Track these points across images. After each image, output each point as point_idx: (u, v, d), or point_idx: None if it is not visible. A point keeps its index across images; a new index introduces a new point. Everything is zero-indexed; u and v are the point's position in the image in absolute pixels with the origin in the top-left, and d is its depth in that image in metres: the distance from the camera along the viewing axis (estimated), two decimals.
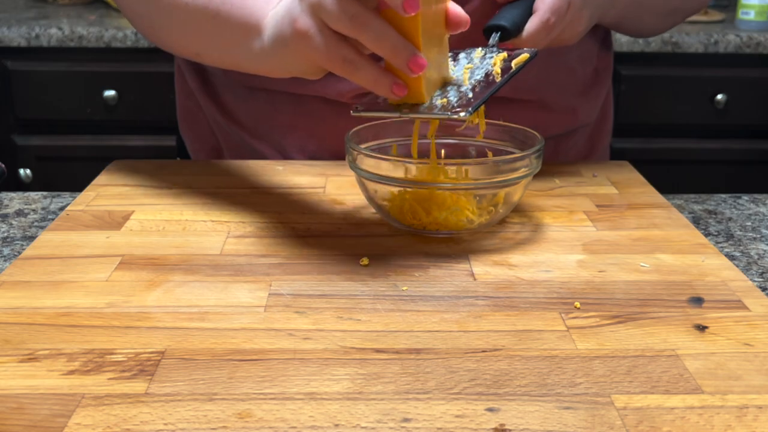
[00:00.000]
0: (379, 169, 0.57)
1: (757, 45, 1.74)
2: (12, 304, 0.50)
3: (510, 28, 0.61)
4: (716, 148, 1.84)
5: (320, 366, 0.43)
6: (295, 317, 0.48)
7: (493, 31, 0.61)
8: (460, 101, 0.55)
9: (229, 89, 0.82)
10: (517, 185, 0.59)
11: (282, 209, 0.66)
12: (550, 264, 0.56)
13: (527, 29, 0.62)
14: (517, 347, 0.45)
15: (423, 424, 0.38)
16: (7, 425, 0.38)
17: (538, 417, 0.39)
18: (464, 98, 0.56)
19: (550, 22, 0.62)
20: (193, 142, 0.90)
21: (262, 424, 0.38)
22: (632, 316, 0.49)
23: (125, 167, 0.76)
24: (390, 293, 0.52)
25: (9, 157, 1.81)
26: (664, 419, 0.39)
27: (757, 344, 0.46)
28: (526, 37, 0.62)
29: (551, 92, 0.80)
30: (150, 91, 1.76)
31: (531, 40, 0.62)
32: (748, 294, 0.51)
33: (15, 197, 0.72)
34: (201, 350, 0.45)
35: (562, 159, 0.83)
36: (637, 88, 1.77)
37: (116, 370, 0.43)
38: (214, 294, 0.51)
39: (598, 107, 0.87)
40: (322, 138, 0.78)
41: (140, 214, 0.65)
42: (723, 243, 0.63)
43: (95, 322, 0.48)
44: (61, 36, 1.72)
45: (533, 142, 0.61)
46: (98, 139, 1.82)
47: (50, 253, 0.57)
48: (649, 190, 0.71)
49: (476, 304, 0.50)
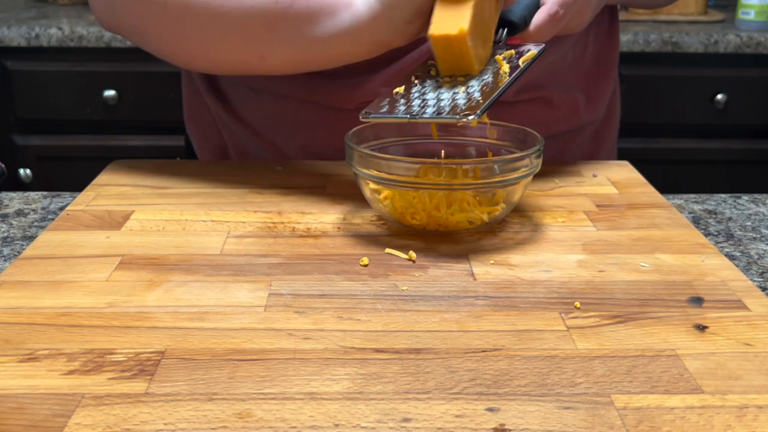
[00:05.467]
0: (379, 169, 0.57)
1: (757, 45, 1.74)
2: (12, 304, 0.50)
3: (518, 23, 0.61)
4: (716, 148, 1.84)
5: (320, 366, 0.43)
6: (295, 317, 0.48)
7: (500, 27, 0.61)
8: (468, 103, 0.56)
9: (234, 89, 0.82)
10: (517, 185, 0.59)
11: (282, 209, 0.66)
12: (550, 264, 0.56)
13: (535, 22, 0.61)
14: (517, 347, 0.45)
15: (423, 424, 0.38)
16: (7, 425, 0.38)
17: (538, 417, 0.39)
18: (473, 100, 0.56)
19: (558, 15, 0.61)
20: (199, 140, 0.90)
21: (262, 424, 0.38)
22: (632, 316, 0.49)
23: (125, 167, 0.76)
24: (390, 293, 0.52)
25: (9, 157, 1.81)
26: (664, 419, 0.39)
27: (757, 344, 0.46)
28: (534, 31, 0.61)
29: (555, 89, 0.80)
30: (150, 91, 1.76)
31: (539, 33, 0.62)
32: (748, 294, 0.51)
33: (15, 197, 0.72)
34: (201, 350, 0.45)
35: (569, 159, 0.83)
36: (637, 88, 1.77)
37: (116, 370, 0.43)
38: (214, 294, 0.51)
39: (604, 104, 0.87)
40: (325, 140, 0.79)
41: (140, 214, 0.65)
42: (723, 243, 0.63)
43: (95, 322, 0.48)
44: (61, 36, 1.72)
45: (533, 141, 0.61)
46: (98, 139, 1.82)
47: (50, 253, 0.57)
48: (649, 190, 0.71)
49: (476, 304, 0.50)
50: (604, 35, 0.84)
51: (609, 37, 0.85)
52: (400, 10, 0.58)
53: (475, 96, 0.56)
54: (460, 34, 0.55)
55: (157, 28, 0.68)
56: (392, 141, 0.65)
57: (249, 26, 0.64)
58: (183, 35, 0.67)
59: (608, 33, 0.85)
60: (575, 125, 0.84)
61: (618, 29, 0.87)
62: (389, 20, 0.59)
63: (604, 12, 0.84)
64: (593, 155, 0.87)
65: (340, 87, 0.75)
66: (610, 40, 0.85)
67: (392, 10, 0.59)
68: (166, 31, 0.67)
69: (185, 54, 0.69)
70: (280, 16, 0.62)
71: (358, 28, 0.61)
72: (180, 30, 0.66)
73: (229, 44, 0.66)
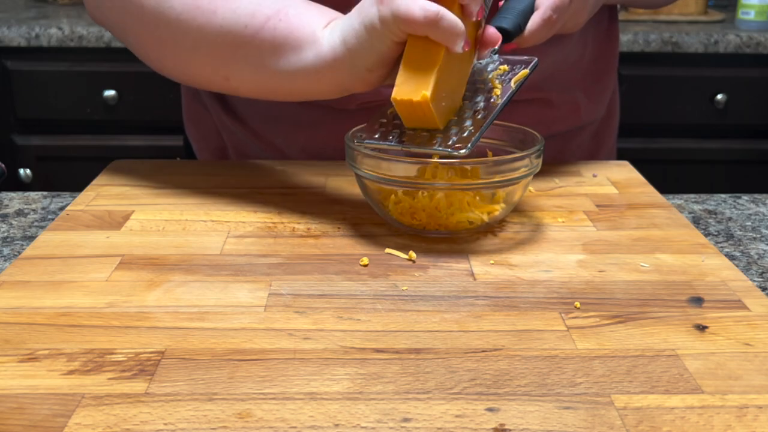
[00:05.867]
0: (379, 169, 0.57)
1: (757, 45, 1.74)
2: (12, 304, 0.50)
3: (511, 30, 0.60)
4: (716, 148, 1.84)
5: (320, 366, 0.43)
6: (295, 317, 0.48)
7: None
8: (459, 133, 0.56)
9: None
10: (517, 185, 0.59)
11: (282, 209, 0.66)
12: (550, 264, 0.56)
13: (529, 28, 0.61)
14: (517, 347, 0.45)
15: (423, 424, 0.38)
16: (7, 425, 0.38)
17: (538, 417, 0.39)
18: (464, 129, 0.56)
19: (552, 19, 0.61)
20: (199, 142, 0.90)
21: (262, 424, 0.38)
22: (632, 316, 0.49)
23: (125, 167, 0.76)
24: (390, 293, 0.52)
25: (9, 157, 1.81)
26: (664, 419, 0.39)
27: (757, 344, 0.46)
28: (528, 36, 0.61)
29: (555, 89, 0.80)
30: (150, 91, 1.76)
31: (533, 38, 0.62)
32: (748, 294, 0.51)
33: (15, 197, 0.72)
34: (201, 350, 0.45)
35: (569, 159, 0.83)
36: (637, 88, 1.77)
37: (116, 370, 0.43)
38: (214, 294, 0.51)
39: (604, 104, 0.87)
40: (325, 140, 0.79)
41: (140, 214, 0.65)
42: (723, 243, 0.63)
43: (95, 322, 0.48)
44: (61, 36, 1.72)
45: (533, 141, 0.61)
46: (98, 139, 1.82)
47: (50, 253, 0.57)
48: (649, 190, 0.71)
49: (476, 304, 0.50)
50: (603, 35, 0.84)
51: (609, 37, 0.85)
52: (362, 59, 0.57)
53: (467, 125, 0.56)
54: (422, 100, 0.54)
55: (136, 30, 0.68)
56: None
57: (216, 45, 0.63)
58: (159, 41, 0.66)
59: (608, 33, 0.85)
60: (575, 125, 0.84)
61: (618, 29, 0.87)
62: (351, 66, 0.58)
63: (604, 12, 0.84)
64: (593, 155, 0.87)
65: None
66: (610, 39, 0.85)
67: (355, 56, 0.57)
68: (144, 33, 0.67)
69: (160, 59, 0.69)
70: (246, 41, 0.62)
71: (320, 69, 0.60)
72: (156, 36, 0.66)
73: (198, 60, 0.66)
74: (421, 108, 0.54)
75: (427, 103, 0.54)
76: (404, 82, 0.55)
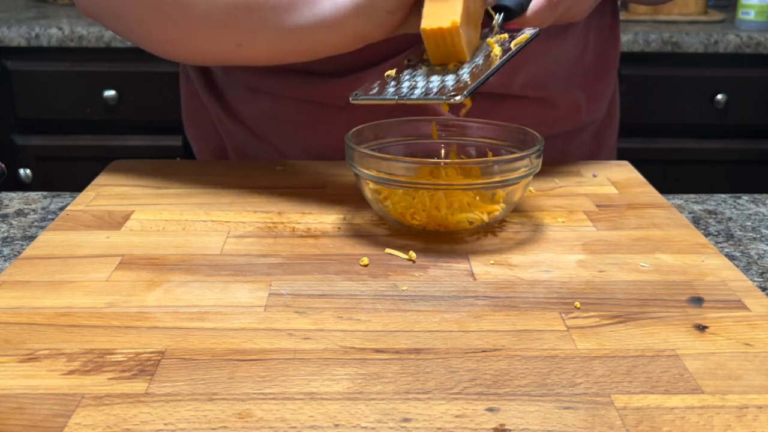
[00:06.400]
0: (379, 169, 0.57)
1: (757, 45, 1.74)
2: (12, 304, 0.50)
3: (514, 8, 0.60)
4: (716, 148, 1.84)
5: (320, 366, 0.43)
6: (295, 317, 0.48)
7: (497, 11, 0.61)
8: (456, 84, 0.56)
9: (233, 90, 0.82)
10: (517, 185, 0.59)
11: (282, 209, 0.66)
12: (550, 264, 0.56)
13: (531, 8, 0.60)
14: (517, 347, 0.45)
15: (423, 424, 0.38)
16: (7, 425, 0.38)
17: (538, 417, 0.39)
18: (461, 81, 0.56)
19: (555, 1, 0.61)
20: (198, 142, 0.90)
21: (262, 424, 0.38)
22: (632, 316, 0.49)
23: (125, 167, 0.76)
24: (390, 293, 0.52)
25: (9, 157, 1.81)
26: (664, 419, 0.39)
27: (757, 344, 0.46)
28: (531, 16, 0.60)
29: (556, 87, 0.80)
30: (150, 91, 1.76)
31: (536, 19, 0.61)
32: (748, 294, 0.51)
33: (15, 197, 0.72)
34: (201, 350, 0.45)
35: (569, 159, 0.83)
36: (637, 88, 1.77)
37: (116, 370, 0.43)
38: (214, 294, 0.51)
39: (604, 104, 0.87)
40: (325, 139, 0.79)
41: (140, 214, 0.65)
42: (723, 243, 0.63)
43: (95, 322, 0.48)
44: (61, 36, 1.72)
45: (533, 141, 0.61)
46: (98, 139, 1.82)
47: (50, 253, 0.57)
48: (649, 190, 0.71)
49: (476, 304, 0.50)
50: (604, 34, 0.84)
51: (609, 37, 0.85)
52: (384, 1, 0.58)
53: (464, 78, 0.56)
54: (452, 26, 0.55)
55: (138, 13, 0.68)
56: (392, 141, 0.65)
57: (228, 10, 0.63)
58: (164, 18, 0.66)
59: (609, 32, 0.85)
60: (575, 125, 0.84)
61: (618, 29, 0.87)
62: (372, 9, 0.58)
63: (605, 11, 0.84)
64: (593, 155, 0.87)
65: (340, 86, 0.75)
66: (611, 38, 0.85)
67: None
68: (147, 16, 0.67)
69: (165, 39, 0.68)
70: (260, 3, 0.62)
71: (339, 18, 0.60)
72: (161, 13, 0.66)
73: (209, 31, 0.65)
74: (450, 35, 0.56)
75: (457, 29, 0.55)
76: (432, 13, 0.56)
